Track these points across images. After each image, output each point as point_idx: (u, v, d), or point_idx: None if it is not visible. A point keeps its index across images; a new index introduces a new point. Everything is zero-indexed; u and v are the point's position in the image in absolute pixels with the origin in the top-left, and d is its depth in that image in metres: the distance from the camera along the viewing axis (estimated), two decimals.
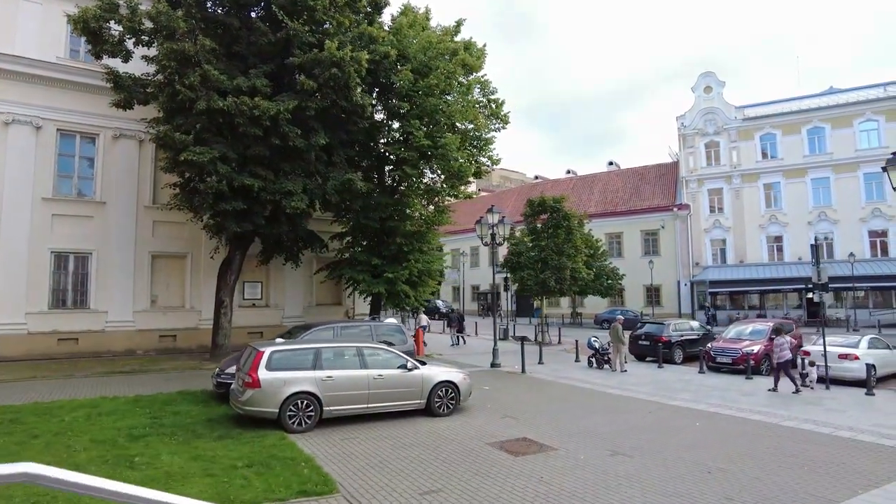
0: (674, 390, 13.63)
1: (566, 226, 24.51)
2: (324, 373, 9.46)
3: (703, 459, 7.89)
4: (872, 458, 8.07)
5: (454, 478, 7.01)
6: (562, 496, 6.42)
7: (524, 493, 6.53)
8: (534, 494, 6.47)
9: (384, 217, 19.40)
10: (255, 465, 7.21)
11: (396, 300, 19.84)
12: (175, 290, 21.04)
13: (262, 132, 15.03)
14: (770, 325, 18.23)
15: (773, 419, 10.57)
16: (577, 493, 6.53)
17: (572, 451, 8.28)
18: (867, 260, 34.74)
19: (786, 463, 7.78)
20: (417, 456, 7.94)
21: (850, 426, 10.03)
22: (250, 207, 16.15)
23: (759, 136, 39.57)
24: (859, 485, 6.92)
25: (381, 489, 6.60)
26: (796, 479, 7.08)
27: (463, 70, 18.54)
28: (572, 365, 18.36)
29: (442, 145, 16.61)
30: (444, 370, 10.81)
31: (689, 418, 10.62)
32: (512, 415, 10.67)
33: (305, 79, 14.95)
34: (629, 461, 7.80)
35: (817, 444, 8.86)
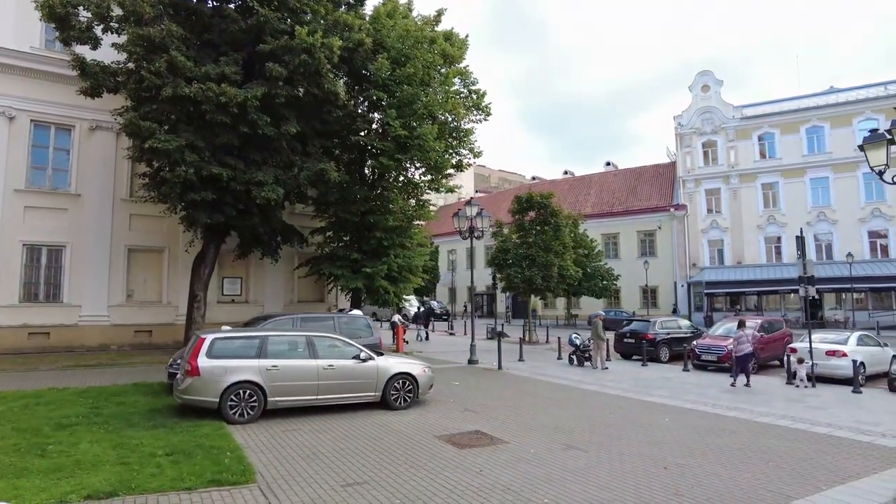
0: (651, 387, 13.09)
1: (554, 223, 24.00)
2: (269, 362, 9.00)
3: (664, 455, 7.38)
4: (845, 454, 7.54)
5: (386, 470, 6.53)
6: (495, 489, 5.93)
7: (455, 485, 6.04)
8: (464, 486, 5.99)
9: (364, 211, 18.97)
10: (177, 453, 6.76)
11: (376, 296, 19.38)
12: (152, 285, 20.66)
13: (231, 120, 14.64)
14: (759, 322, 17.63)
15: (748, 415, 10.03)
16: (512, 486, 6.04)
17: (524, 444, 7.78)
18: (867, 261, 34.03)
19: (751, 459, 7.26)
20: (356, 448, 7.46)
21: (828, 422, 9.49)
22: (221, 198, 15.74)
23: (757, 135, 38.97)
24: (824, 481, 6.39)
25: (302, 480, 6.13)
26: (757, 475, 6.57)
27: (443, 60, 18.13)
28: (553, 362, 17.83)
29: (419, 135, 16.17)
30: (402, 361, 10.33)
31: (659, 414, 10.09)
32: (473, 409, 10.17)
33: (274, 65, 14.57)
34: (582, 455, 7.30)
35: (790, 439, 8.33)
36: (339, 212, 18.88)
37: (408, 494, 5.73)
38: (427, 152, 16.38)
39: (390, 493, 5.75)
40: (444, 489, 5.90)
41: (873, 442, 8.25)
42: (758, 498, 5.80)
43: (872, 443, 8.21)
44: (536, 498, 5.68)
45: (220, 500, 5.48)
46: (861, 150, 8.83)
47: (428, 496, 5.69)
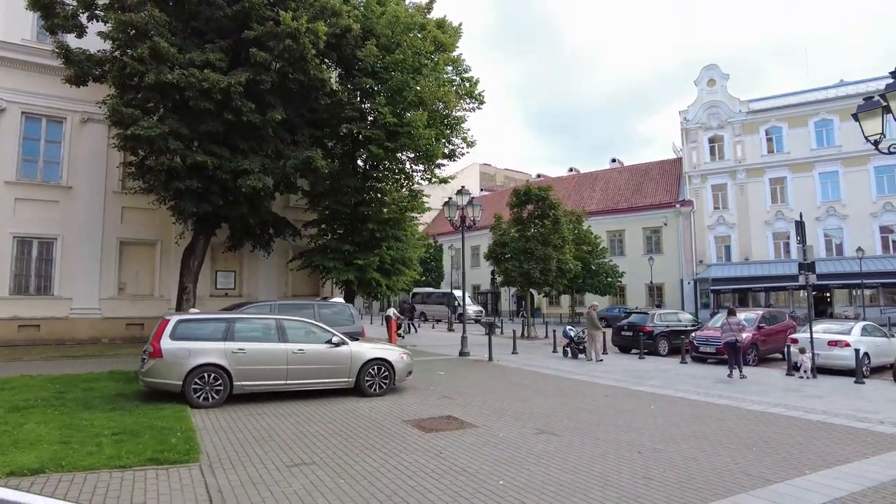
0: (644, 377, 12.61)
1: (552, 216, 23.54)
2: (235, 345, 8.69)
3: (642, 440, 6.95)
4: (837, 440, 7.06)
5: (339, 452, 6.18)
6: (450, 471, 5.55)
7: (408, 466, 5.67)
8: (418, 468, 5.62)
9: (357, 202, 18.69)
10: (124, 434, 6.46)
11: (368, 288, 19.07)
12: (144, 278, 20.51)
13: (214, 107, 14.41)
14: (760, 314, 17.07)
15: (739, 403, 9.55)
16: (470, 468, 5.66)
17: (494, 429, 7.39)
18: (878, 256, 33.12)
19: (735, 444, 6.81)
20: (316, 431, 7.12)
21: (824, 410, 8.98)
22: (207, 187, 15.53)
23: (764, 129, 38.16)
24: (810, 465, 5.94)
25: (248, 460, 5.80)
26: (738, 460, 6.12)
27: (435, 47, 17.79)
28: (548, 355, 17.37)
29: (408, 122, 15.83)
30: (377, 347, 9.98)
31: (646, 402, 9.64)
32: (451, 396, 9.79)
33: (258, 51, 14.34)
34: (554, 440, 6.90)
35: (780, 426, 7.86)
36: (331, 203, 18.61)
37: (354, 475, 5.38)
38: (417, 140, 16.04)
39: (336, 474, 5.39)
40: (394, 470, 5.54)
41: (870, 429, 7.76)
42: (734, 482, 5.37)
43: (869, 429, 7.71)
44: (492, 480, 5.30)
45: (153, 477, 5.16)
46: (855, 119, 8.36)
47: (376, 477, 5.33)
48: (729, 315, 13.60)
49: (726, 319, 13.39)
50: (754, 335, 15.88)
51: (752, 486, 5.21)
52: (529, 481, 5.27)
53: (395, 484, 5.13)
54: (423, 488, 5.03)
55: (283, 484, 5.09)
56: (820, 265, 35.20)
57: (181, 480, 5.11)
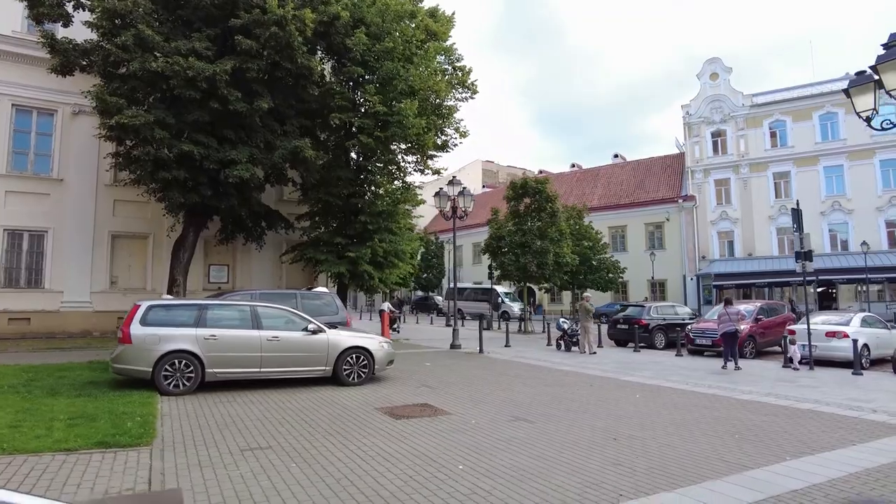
0: (634, 368, 12.30)
1: (549, 209, 23.23)
2: (207, 331, 8.49)
3: (620, 428, 6.68)
4: (825, 428, 6.75)
5: (300, 437, 5.95)
6: (409, 456, 5.30)
7: (367, 450, 5.43)
8: (376, 452, 5.37)
9: (349, 194, 18.46)
10: (80, 418, 6.27)
11: (360, 281, 18.83)
12: (137, 272, 20.39)
13: (200, 95, 14.24)
14: (758, 305, 16.70)
15: (729, 393, 9.24)
16: (431, 453, 5.41)
17: (468, 416, 7.14)
18: (884, 251, 32.54)
19: (717, 431, 6.52)
20: (282, 418, 6.90)
21: (816, 399, 8.66)
22: (194, 177, 15.37)
23: (767, 123, 37.60)
24: (792, 452, 5.64)
25: (203, 444, 5.58)
26: (716, 447, 5.84)
27: (426, 36, 17.52)
28: (541, 348, 17.08)
29: (397, 111, 15.58)
30: (356, 335, 9.73)
31: (631, 391, 9.34)
32: (431, 385, 9.54)
33: (243, 38, 14.14)
34: (527, 427, 6.63)
35: (767, 414, 7.55)
36: (323, 195, 18.38)
37: (308, 459, 5.14)
38: (407, 129, 15.78)
39: (289, 458, 5.16)
40: (352, 454, 5.30)
41: (861, 416, 7.44)
42: (709, 468, 5.08)
43: (860, 417, 7.39)
44: (452, 464, 5.05)
45: (98, 461, 4.94)
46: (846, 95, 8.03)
47: (330, 461, 5.09)
48: (726, 304, 13.26)
49: (724, 309, 13.05)
50: (752, 327, 15.53)
51: (727, 472, 4.93)
52: (491, 466, 5.01)
53: (349, 467, 4.89)
54: (377, 472, 4.78)
55: (231, 467, 4.87)
56: (825, 260, 34.81)
57: (126, 463, 4.90)
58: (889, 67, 7.09)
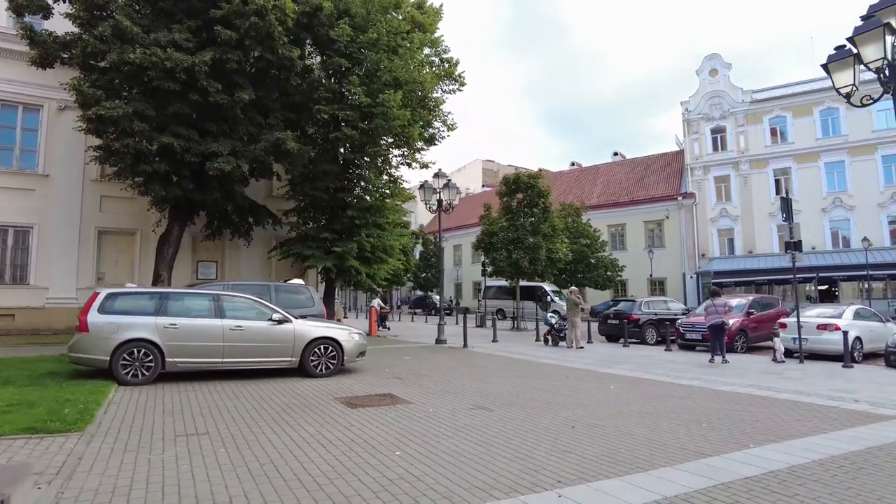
0: (618, 362, 11.99)
1: (542, 204, 22.93)
2: (167, 319, 8.26)
3: (583, 417, 6.39)
4: (799, 417, 6.44)
5: (242, 424, 5.70)
6: (349, 443, 5.05)
7: (307, 438, 5.18)
8: (315, 440, 5.12)
9: (336, 189, 18.24)
10: (18, 405, 6.05)
11: (347, 277, 18.60)
12: (124, 268, 20.22)
13: (179, 87, 14.06)
14: (750, 299, 16.33)
15: (709, 384, 8.92)
16: (373, 440, 5.15)
17: (427, 405, 6.87)
18: (886, 248, 32.01)
19: (685, 420, 6.22)
20: (232, 406, 6.66)
21: (798, 390, 8.33)
22: (176, 170, 15.20)
23: (767, 119, 37.15)
24: (758, 440, 5.34)
25: (139, 431, 5.35)
26: (679, 435, 5.54)
27: (413, 27, 17.27)
28: (529, 343, 16.77)
29: (381, 102, 15.35)
30: (325, 326, 9.47)
31: (608, 383, 9.04)
32: (403, 377, 9.28)
33: (222, 29, 13.95)
34: (485, 415, 6.36)
35: (742, 404, 7.24)
36: (309, 189, 18.18)
37: (241, 444, 4.89)
38: (391, 120, 15.53)
39: (221, 443, 4.92)
40: (289, 441, 5.05)
41: (840, 406, 7.11)
42: (664, 455, 4.79)
43: (839, 407, 7.07)
44: (389, 451, 4.78)
45: (21, 445, 4.72)
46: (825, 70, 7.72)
47: (263, 446, 4.84)
48: (714, 296, 12.93)
49: (711, 301, 12.72)
50: (743, 321, 15.17)
51: (682, 460, 4.64)
52: (431, 452, 4.74)
53: (279, 453, 4.64)
54: (307, 458, 4.53)
55: (156, 451, 4.63)
56: (826, 257, 34.33)
57: (48, 448, 4.67)
58: (867, 39, 6.78)
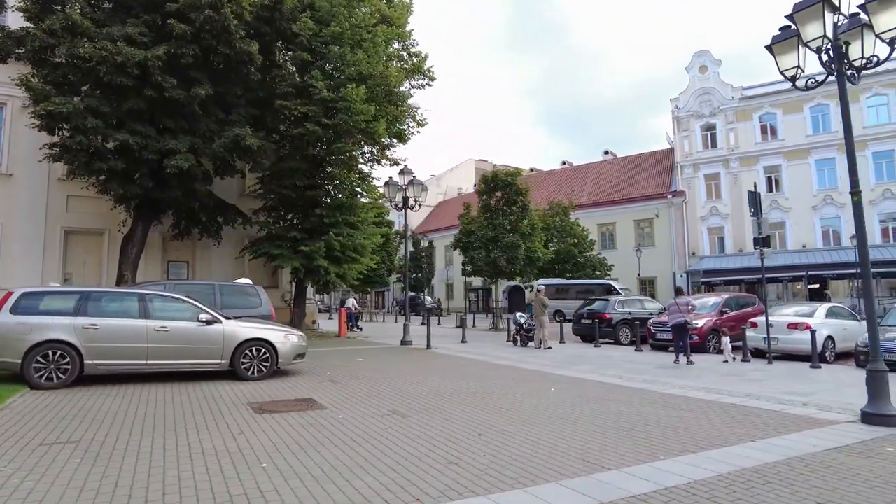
0: (577, 363, 11.58)
1: (520, 202, 22.53)
2: (87, 320, 7.87)
3: (499, 422, 5.98)
4: (735, 423, 6.02)
5: (123, 433, 5.31)
6: (218, 453, 4.66)
7: (182, 448, 4.80)
8: (189, 449, 4.75)
9: (304, 186, 17.83)
10: None
11: (315, 277, 18.20)
12: (92, 268, 19.85)
13: (133, 82, 13.69)
14: (724, 297, 15.90)
15: (659, 388, 8.49)
16: (254, 449, 4.76)
17: (343, 411, 6.47)
18: (877, 245, 31.52)
19: (606, 427, 5.80)
20: (130, 411, 6.27)
21: (748, 393, 7.91)
22: (134, 168, 14.82)
23: (757, 116, 36.71)
24: (675, 450, 4.92)
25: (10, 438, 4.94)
26: (589, 444, 5.13)
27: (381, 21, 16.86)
28: (499, 344, 16.37)
29: (343, 96, 14.96)
30: (258, 327, 9.06)
31: (551, 385, 8.62)
32: (337, 380, 8.88)
33: (176, 22, 13.58)
34: (395, 421, 5.96)
35: (680, 408, 6.82)
36: (276, 187, 17.81)
37: (102, 454, 4.50)
38: (355, 115, 15.14)
39: (83, 452, 4.53)
40: (157, 450, 4.67)
41: (783, 411, 6.69)
42: (560, 468, 4.38)
43: (782, 411, 6.65)
44: (256, 463, 4.38)
45: None
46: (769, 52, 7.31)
47: (126, 456, 4.45)
48: (677, 295, 12.51)
49: (674, 300, 12.30)
50: (716, 321, 14.74)
51: (574, 474, 4.22)
52: (301, 464, 4.34)
53: (135, 463, 4.25)
54: (159, 469, 4.13)
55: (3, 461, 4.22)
56: (816, 255, 33.87)
57: None
58: (806, 17, 6.38)
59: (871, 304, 6.61)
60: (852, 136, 6.78)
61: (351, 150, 16.26)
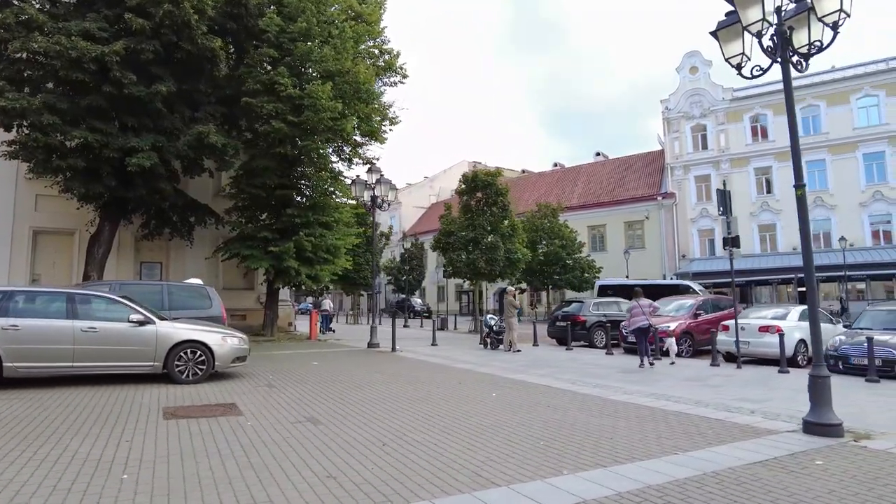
0: (537, 367, 11.19)
1: (501, 202, 22.19)
2: (7, 321, 7.54)
3: (409, 431, 5.60)
4: (668, 433, 5.67)
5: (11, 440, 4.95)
6: (100, 462, 4.31)
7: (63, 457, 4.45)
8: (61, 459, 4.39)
9: (274, 186, 17.50)
10: None
11: (286, 278, 17.85)
12: (62, 269, 19.52)
13: (90, 78, 13.40)
14: (699, 300, 15.55)
15: (608, 394, 8.12)
16: (135, 458, 4.42)
17: (260, 418, 6.13)
18: (868, 248, 31.19)
19: (525, 436, 5.44)
20: (37, 417, 5.93)
21: (699, 400, 7.55)
22: (95, 167, 14.52)
23: (748, 117, 36.41)
24: (586, 464, 4.56)
25: None
26: (494, 457, 4.77)
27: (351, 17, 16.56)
28: (469, 347, 15.98)
29: (308, 93, 14.63)
30: (194, 328, 8.70)
31: (497, 389, 8.26)
32: (274, 384, 8.52)
33: (134, 17, 13.28)
34: (304, 429, 5.61)
35: (618, 417, 6.46)
36: (245, 186, 17.49)
37: None
38: (321, 112, 14.81)
39: None
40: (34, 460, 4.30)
41: (726, 419, 6.34)
42: (444, 485, 4.02)
43: (725, 420, 6.29)
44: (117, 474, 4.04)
45: None
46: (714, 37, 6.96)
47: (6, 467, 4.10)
48: (635, 297, 12.15)
49: (636, 302, 11.95)
50: (689, 324, 14.39)
51: (456, 491, 3.86)
52: (162, 476, 4.00)
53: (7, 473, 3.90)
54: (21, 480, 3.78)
55: None
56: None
57: None
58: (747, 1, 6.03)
59: (813, 306, 6.31)
60: (796, 125, 6.46)
61: (318, 148, 15.88)
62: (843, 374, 10.55)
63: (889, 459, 4.71)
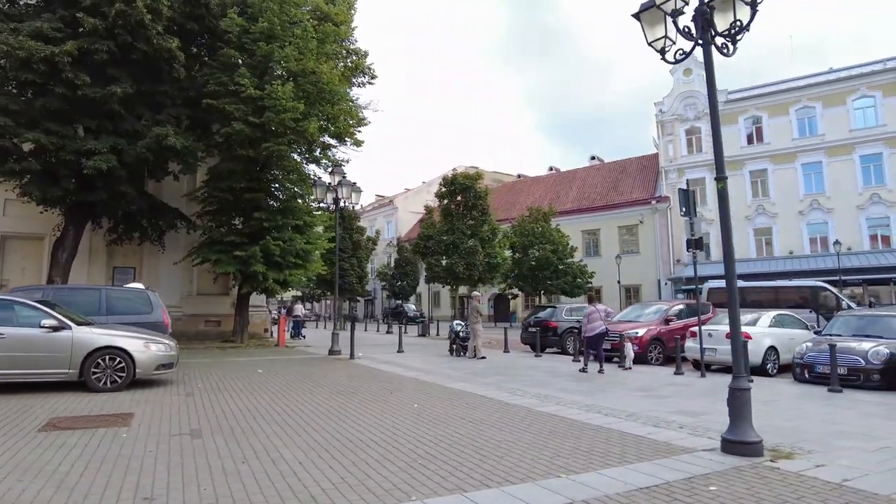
0: (484, 376, 10.71)
1: (480, 206, 21.78)
2: None
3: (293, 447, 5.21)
4: (572, 451, 5.22)
5: None
6: None
7: None
8: None
9: (241, 189, 17.20)
10: None
11: (253, 283, 17.51)
12: (31, 274, 19.31)
13: (41, 79, 13.20)
14: (675, 306, 15.02)
15: (538, 404, 7.65)
16: None
17: (141, 429, 5.75)
18: (866, 252, 30.41)
19: (417, 455, 5.01)
20: None
21: (631, 413, 7.08)
22: (52, 169, 14.31)
23: (743, 119, 35.80)
24: (470, 484, 4.13)
25: None
26: (349, 481, 4.35)
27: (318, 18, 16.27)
28: (437, 354, 15.53)
29: (269, 93, 14.33)
30: (113, 334, 8.35)
31: (423, 399, 7.82)
32: (198, 394, 8.15)
33: (86, 16, 13.06)
34: (179, 442, 5.22)
35: (530, 431, 6.01)
36: (212, 189, 17.22)
37: None
38: (282, 113, 14.51)
39: None
40: None
41: (645, 436, 5.86)
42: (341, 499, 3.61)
43: (644, 436, 5.83)
44: None
45: None
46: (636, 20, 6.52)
47: None
48: (590, 302, 11.67)
49: (594, 307, 11.47)
50: (659, 330, 13.87)
51: None
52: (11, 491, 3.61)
53: None
54: None
55: None
56: (803, 262, 32.72)
57: None
58: None
59: (734, 310, 5.85)
60: (717, 111, 6.04)
61: (280, 150, 15.56)
62: (808, 384, 10.04)
63: (793, 484, 4.23)
